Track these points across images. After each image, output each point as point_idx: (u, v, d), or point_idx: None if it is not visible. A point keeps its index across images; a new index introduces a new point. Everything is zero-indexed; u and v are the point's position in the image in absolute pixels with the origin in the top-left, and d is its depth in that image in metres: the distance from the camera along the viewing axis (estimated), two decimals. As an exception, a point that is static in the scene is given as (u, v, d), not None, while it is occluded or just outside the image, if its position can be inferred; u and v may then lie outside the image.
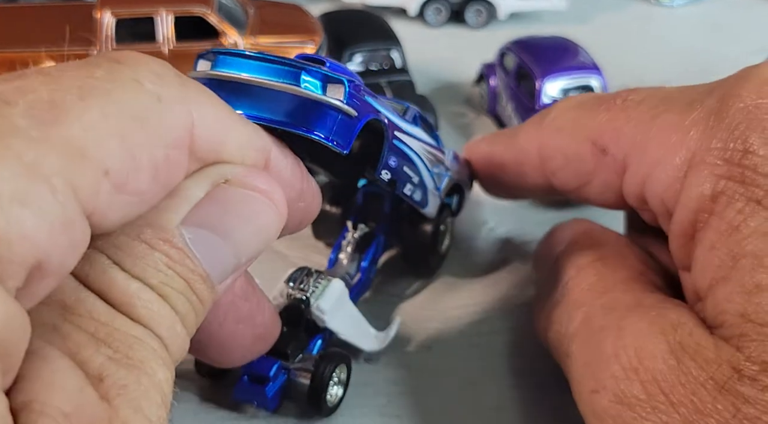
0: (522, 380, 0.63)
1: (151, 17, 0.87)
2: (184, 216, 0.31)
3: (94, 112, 0.26)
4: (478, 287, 0.74)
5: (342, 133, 0.42)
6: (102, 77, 0.28)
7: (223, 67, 0.41)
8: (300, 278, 0.60)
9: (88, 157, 0.25)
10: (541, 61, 0.93)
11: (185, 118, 0.30)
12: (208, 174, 0.32)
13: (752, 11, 1.43)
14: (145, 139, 0.28)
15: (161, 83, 0.29)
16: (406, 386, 0.62)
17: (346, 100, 0.42)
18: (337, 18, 1.06)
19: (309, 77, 0.41)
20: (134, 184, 0.28)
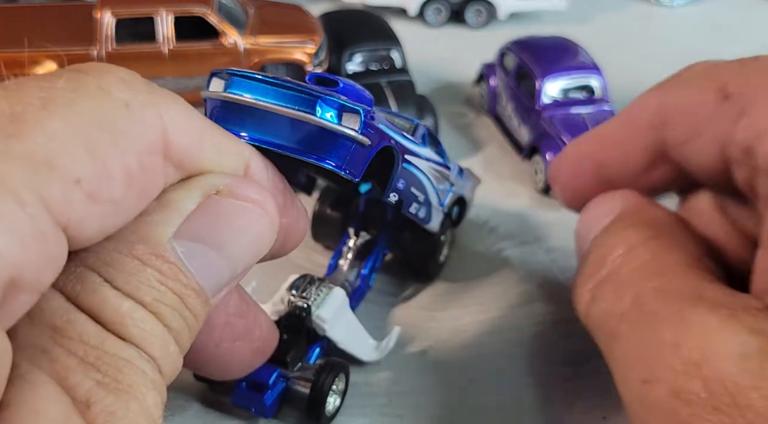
0: (522, 379, 0.63)
1: (151, 17, 0.87)
2: (175, 229, 0.30)
3: (58, 122, 0.25)
4: (478, 288, 0.74)
5: (354, 163, 0.42)
6: (64, 87, 0.27)
7: (236, 89, 0.40)
8: (302, 285, 0.60)
9: (55, 167, 0.25)
10: (541, 61, 0.93)
11: (156, 123, 0.29)
12: (199, 185, 0.32)
13: (752, 11, 1.43)
14: (114, 146, 0.27)
15: (128, 90, 0.29)
16: (406, 385, 0.62)
17: (360, 130, 0.41)
18: (337, 18, 1.06)
19: (325, 106, 0.40)
20: (108, 192, 0.27)
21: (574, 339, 0.68)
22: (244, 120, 0.39)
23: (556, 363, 0.65)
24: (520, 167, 0.92)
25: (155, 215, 0.30)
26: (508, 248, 0.79)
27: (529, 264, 0.77)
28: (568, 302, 0.72)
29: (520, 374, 0.64)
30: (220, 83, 0.42)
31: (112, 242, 0.29)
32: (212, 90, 0.42)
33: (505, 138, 0.98)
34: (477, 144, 0.99)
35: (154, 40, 0.87)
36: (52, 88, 0.26)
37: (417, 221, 0.63)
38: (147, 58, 0.87)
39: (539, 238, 0.81)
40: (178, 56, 0.88)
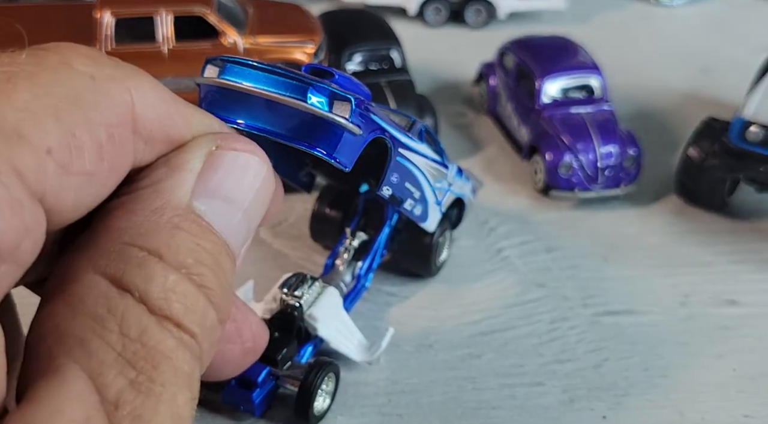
0: (520, 378, 0.63)
1: (150, 17, 0.87)
2: (192, 189, 0.30)
3: (24, 93, 0.25)
4: (477, 287, 0.74)
5: (345, 151, 0.42)
6: (27, 62, 0.27)
7: (230, 76, 0.41)
8: (294, 284, 0.60)
9: (25, 137, 0.24)
10: (540, 60, 0.93)
11: (123, 95, 0.29)
12: (199, 144, 0.32)
13: (752, 11, 1.43)
14: (82, 117, 0.27)
15: (93, 64, 0.28)
16: (406, 385, 0.62)
17: (351, 118, 0.41)
18: (336, 18, 1.06)
19: (316, 93, 0.40)
20: (80, 163, 0.26)
21: (571, 338, 0.68)
22: (236, 106, 0.39)
23: (555, 362, 0.65)
24: (520, 167, 0.92)
25: (169, 180, 0.30)
26: (508, 248, 0.79)
27: (529, 264, 0.77)
28: (566, 301, 0.72)
29: (519, 374, 0.64)
30: (214, 70, 0.42)
31: (137, 214, 0.29)
32: (206, 75, 0.42)
33: (505, 138, 0.98)
34: (477, 144, 0.98)
35: (154, 40, 0.87)
36: (14, 63, 0.26)
37: (412, 219, 0.63)
38: (147, 57, 0.87)
39: (539, 237, 0.81)
40: (178, 56, 0.88)
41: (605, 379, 0.64)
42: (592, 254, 0.79)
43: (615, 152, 0.85)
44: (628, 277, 0.76)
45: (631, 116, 1.02)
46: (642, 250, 0.80)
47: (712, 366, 0.65)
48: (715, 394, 0.63)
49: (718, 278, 0.76)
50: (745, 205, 0.87)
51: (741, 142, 0.81)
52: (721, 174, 0.83)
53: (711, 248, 0.80)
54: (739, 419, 0.60)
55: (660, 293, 0.74)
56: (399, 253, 0.73)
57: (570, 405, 0.61)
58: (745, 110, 0.81)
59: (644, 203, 0.87)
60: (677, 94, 1.11)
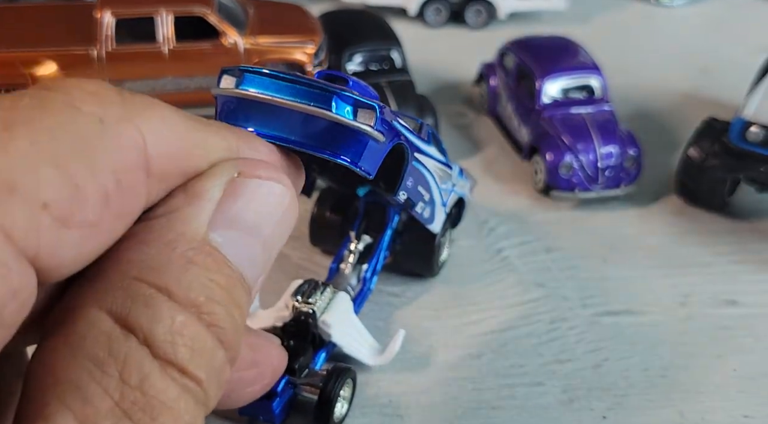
0: (520, 378, 0.63)
1: (151, 17, 0.87)
2: (209, 219, 0.29)
3: (21, 142, 0.23)
4: (477, 287, 0.74)
5: (369, 159, 0.41)
6: (29, 105, 0.25)
7: (249, 86, 0.39)
8: (307, 291, 0.60)
9: (17, 190, 0.23)
10: (541, 60, 0.93)
11: (134, 137, 0.27)
12: (220, 171, 0.30)
13: (752, 11, 1.43)
14: (87, 165, 0.25)
15: (100, 103, 0.26)
16: (406, 385, 0.62)
17: (376, 126, 0.41)
18: (337, 18, 1.06)
19: (341, 102, 0.39)
20: (81, 215, 0.25)
21: (571, 338, 0.68)
22: (255, 117, 0.38)
23: (554, 362, 0.65)
24: (520, 167, 0.92)
25: (185, 209, 0.29)
26: (508, 248, 0.79)
27: (529, 264, 0.77)
28: (566, 302, 0.72)
29: (519, 374, 0.64)
30: (231, 80, 0.40)
31: (149, 246, 0.27)
32: (223, 87, 0.40)
33: (505, 138, 0.98)
34: (477, 144, 0.98)
35: (154, 40, 0.87)
36: (14, 109, 0.24)
37: (421, 221, 0.63)
38: (147, 58, 0.87)
39: (539, 237, 0.81)
40: (178, 56, 0.88)
41: (605, 379, 0.64)
42: (592, 254, 0.79)
43: (615, 153, 0.85)
44: (628, 277, 0.76)
45: (632, 116, 1.02)
46: (642, 250, 0.80)
47: (712, 366, 0.65)
48: (715, 394, 0.63)
49: (718, 278, 0.76)
50: (746, 205, 0.87)
51: (741, 143, 0.81)
52: (722, 174, 0.83)
53: (711, 249, 0.80)
54: (739, 420, 0.60)
55: (660, 293, 0.74)
56: (401, 254, 0.73)
57: (570, 405, 0.61)
58: (745, 110, 0.81)
59: (644, 203, 0.87)
60: (677, 94, 1.11)
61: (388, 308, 0.70)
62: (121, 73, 0.87)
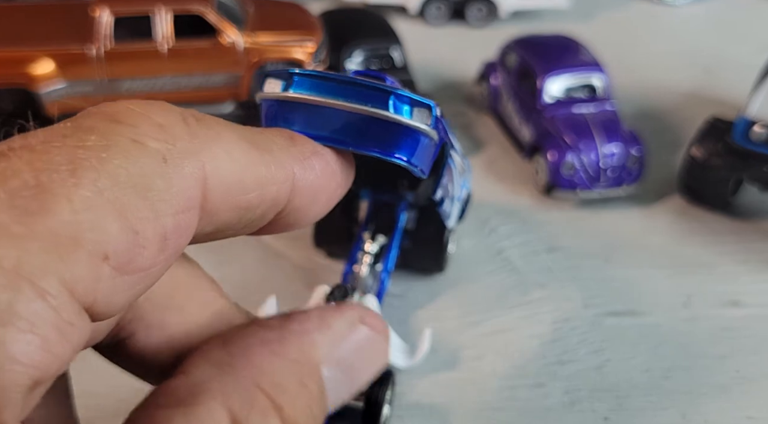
0: (522, 380, 0.63)
1: (149, 15, 0.87)
2: (327, 352, 0.30)
3: (86, 190, 0.23)
4: (478, 288, 0.73)
5: (423, 157, 0.41)
6: (95, 144, 0.24)
7: (299, 90, 0.38)
8: (339, 296, 0.60)
9: (81, 244, 0.23)
10: (542, 59, 0.93)
11: (197, 174, 0.27)
12: (350, 314, 0.32)
13: (755, 10, 1.43)
14: (149, 210, 0.25)
15: (165, 138, 0.26)
16: (407, 386, 0.62)
17: (432, 125, 0.40)
18: (337, 16, 1.06)
19: (398, 102, 0.39)
20: (139, 262, 0.25)
21: (573, 338, 0.67)
22: (304, 118, 0.37)
23: (556, 363, 0.65)
24: (522, 167, 0.91)
25: (316, 334, 0.30)
26: (509, 248, 0.79)
27: (530, 264, 0.76)
28: (568, 302, 0.72)
29: (521, 375, 0.63)
30: (276, 84, 0.40)
31: (278, 358, 0.29)
32: (267, 90, 0.39)
33: (507, 137, 0.98)
34: (478, 143, 0.98)
35: (153, 39, 0.87)
36: (81, 148, 0.24)
37: (443, 217, 0.63)
38: (145, 56, 0.87)
39: (540, 237, 0.80)
40: (177, 54, 0.88)
41: (607, 380, 0.63)
42: (594, 255, 0.78)
43: (618, 152, 0.85)
44: (631, 277, 0.75)
45: (634, 115, 1.02)
46: (644, 250, 0.79)
47: (715, 367, 0.65)
48: (717, 395, 0.62)
49: (721, 279, 0.75)
50: (749, 205, 0.86)
51: (745, 142, 0.80)
52: (725, 174, 0.82)
53: (714, 249, 0.80)
54: (741, 421, 0.60)
55: (662, 293, 0.73)
56: (409, 251, 0.72)
57: (571, 407, 0.61)
58: (748, 110, 0.80)
59: (647, 203, 0.87)
60: (680, 93, 1.11)
61: (390, 309, 0.70)
62: (120, 71, 0.86)
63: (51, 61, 0.85)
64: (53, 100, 0.85)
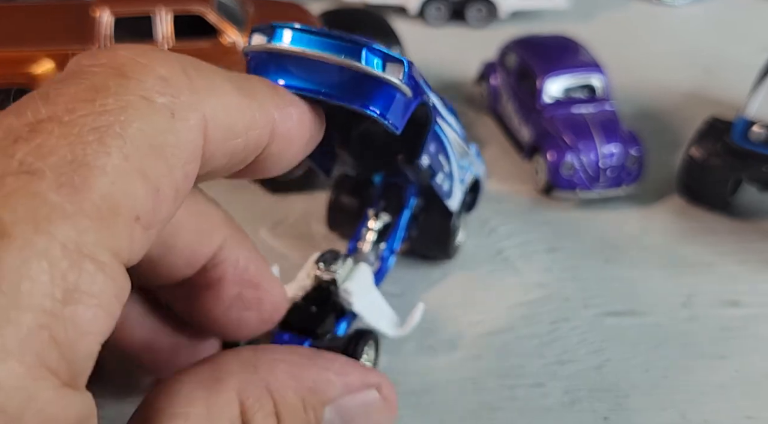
0: (521, 380, 0.63)
1: (149, 16, 0.87)
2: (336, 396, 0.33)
3: (116, 157, 0.25)
4: (478, 288, 0.73)
5: (397, 113, 0.42)
6: (114, 107, 0.26)
7: (280, 41, 0.40)
8: (329, 259, 0.60)
9: (120, 212, 0.25)
10: (542, 59, 0.93)
11: (200, 125, 0.29)
12: (371, 377, 0.35)
13: (755, 10, 1.43)
14: (165, 167, 0.27)
15: (171, 91, 0.28)
16: (406, 386, 0.62)
17: (404, 80, 0.41)
18: (337, 16, 1.06)
19: (370, 54, 0.40)
20: (159, 215, 0.27)
21: (573, 338, 0.67)
22: (285, 69, 0.39)
23: (556, 363, 0.65)
24: (521, 167, 0.92)
25: (334, 376, 0.33)
26: (509, 248, 0.79)
27: (530, 264, 0.77)
28: (568, 302, 0.72)
29: (520, 375, 0.63)
30: (261, 38, 0.41)
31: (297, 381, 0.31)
32: (254, 44, 0.41)
33: (506, 137, 0.98)
34: (477, 143, 0.98)
35: (153, 39, 0.87)
36: (103, 114, 0.26)
37: (440, 194, 0.64)
38: (146, 56, 0.87)
39: (540, 238, 0.81)
40: (177, 55, 0.88)
41: (607, 380, 0.63)
42: (594, 255, 0.78)
43: (617, 152, 0.85)
44: (630, 277, 0.75)
45: (634, 116, 1.02)
46: (644, 250, 0.79)
47: (715, 367, 0.65)
48: (717, 395, 0.62)
49: (721, 279, 0.76)
50: (748, 205, 0.86)
51: (744, 142, 0.80)
52: (724, 174, 0.82)
53: (713, 248, 0.80)
54: (741, 421, 0.60)
55: (662, 293, 0.73)
56: (417, 238, 0.73)
57: (571, 406, 0.61)
58: (748, 110, 0.80)
59: (646, 203, 0.87)
60: (680, 93, 1.11)
61: (388, 308, 0.70)
62: (120, 72, 0.86)
63: (51, 62, 0.85)
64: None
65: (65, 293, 0.23)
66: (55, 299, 0.22)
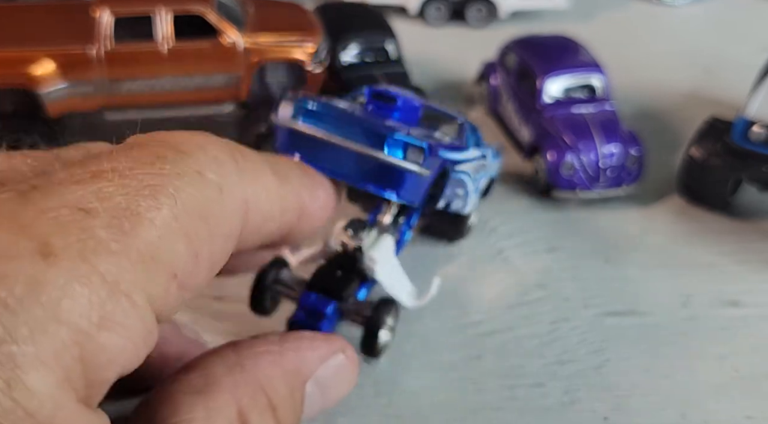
0: (521, 379, 0.63)
1: (149, 16, 0.87)
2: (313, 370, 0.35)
3: (166, 215, 0.27)
4: (478, 287, 0.73)
5: (414, 191, 0.48)
6: (170, 173, 0.28)
7: (307, 120, 0.45)
8: (357, 227, 0.62)
9: (160, 263, 0.27)
10: (542, 59, 0.93)
11: (242, 205, 0.32)
12: (335, 344, 0.38)
13: (755, 10, 1.43)
14: (207, 234, 0.29)
15: (221, 172, 0.31)
16: (407, 386, 0.62)
17: (423, 165, 0.47)
18: (332, 10, 1.06)
19: (393, 144, 0.45)
20: (195, 280, 0.29)
21: (573, 338, 0.67)
22: (309, 149, 0.43)
23: (556, 363, 0.65)
24: (521, 167, 0.92)
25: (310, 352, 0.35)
26: (509, 248, 0.79)
27: (530, 264, 0.77)
28: (568, 302, 0.72)
29: (520, 375, 0.63)
30: (289, 108, 0.46)
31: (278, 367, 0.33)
32: (281, 116, 0.46)
33: (506, 137, 0.98)
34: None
35: (153, 39, 0.87)
36: (160, 176, 0.28)
37: (453, 212, 0.68)
38: (146, 57, 0.87)
39: (540, 238, 0.81)
40: (177, 55, 0.88)
41: (607, 380, 0.63)
42: (594, 255, 0.78)
43: (617, 152, 0.85)
44: (630, 277, 0.75)
45: (634, 116, 1.02)
46: (644, 250, 0.79)
47: (714, 367, 0.65)
48: (717, 395, 0.62)
49: (721, 279, 0.76)
50: (748, 205, 0.86)
51: (744, 142, 0.80)
52: (724, 174, 0.82)
53: (713, 248, 0.80)
54: (741, 421, 0.60)
55: (662, 293, 0.73)
56: (433, 216, 0.76)
57: (571, 406, 0.61)
58: (747, 110, 0.80)
59: (646, 203, 0.87)
60: (680, 93, 1.11)
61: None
62: (120, 72, 0.86)
63: (51, 62, 0.85)
64: (53, 101, 0.85)
65: (101, 319, 0.24)
66: (91, 321, 0.23)
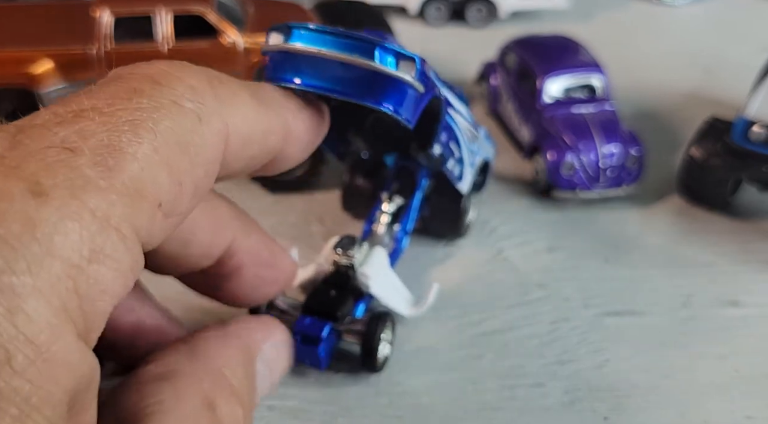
0: (521, 379, 0.63)
1: (149, 16, 0.87)
2: (259, 347, 0.37)
3: (146, 148, 0.28)
4: (478, 287, 0.73)
5: (409, 108, 0.45)
6: (148, 106, 0.30)
7: (296, 41, 0.43)
8: (347, 245, 0.62)
9: (145, 195, 0.28)
10: (542, 59, 0.93)
11: (222, 131, 0.32)
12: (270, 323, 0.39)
13: (755, 10, 1.43)
14: (188, 163, 0.30)
15: (199, 99, 0.31)
16: (407, 386, 0.62)
17: (417, 77, 0.44)
18: (331, 7, 1.06)
19: (383, 53, 0.42)
20: (179, 208, 0.30)
21: (573, 338, 0.67)
22: (301, 69, 0.42)
23: (556, 363, 0.65)
24: (521, 167, 0.92)
25: (255, 332, 0.37)
26: (509, 248, 0.79)
27: (530, 264, 0.77)
28: (568, 302, 0.72)
29: (520, 375, 0.63)
30: (278, 37, 0.44)
31: (233, 348, 0.35)
32: (272, 43, 0.44)
33: (506, 137, 0.98)
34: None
35: (153, 39, 0.87)
36: (138, 110, 0.29)
37: (451, 179, 0.66)
38: (146, 57, 0.86)
39: (540, 238, 0.81)
40: (177, 55, 0.88)
41: (607, 380, 0.63)
42: (594, 255, 0.78)
43: (617, 152, 0.85)
44: (630, 277, 0.75)
45: (634, 116, 1.02)
46: (644, 250, 0.79)
47: (715, 367, 0.65)
48: (717, 395, 0.62)
49: (721, 279, 0.76)
50: (748, 205, 0.86)
51: (744, 142, 0.80)
52: (724, 174, 0.82)
53: (713, 249, 0.80)
54: (741, 421, 0.60)
55: (662, 293, 0.73)
56: (429, 217, 0.75)
57: (571, 406, 0.61)
58: (747, 110, 0.80)
59: (646, 203, 0.87)
60: (680, 93, 1.11)
61: (388, 308, 0.70)
62: (120, 71, 0.86)
63: (51, 62, 0.85)
64: (53, 100, 0.85)
65: (91, 252, 0.25)
66: (82, 255, 0.25)
